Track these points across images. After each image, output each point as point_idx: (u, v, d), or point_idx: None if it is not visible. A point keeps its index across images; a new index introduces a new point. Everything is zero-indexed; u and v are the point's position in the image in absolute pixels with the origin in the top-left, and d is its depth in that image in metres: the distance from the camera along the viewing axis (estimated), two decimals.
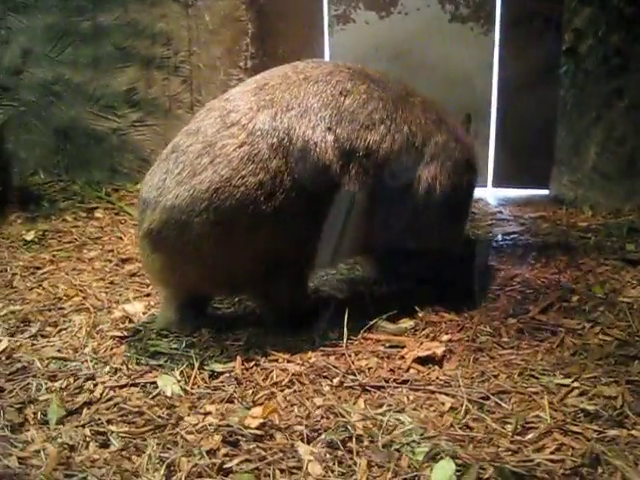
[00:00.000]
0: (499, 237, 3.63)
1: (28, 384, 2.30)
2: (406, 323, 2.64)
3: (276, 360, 2.39)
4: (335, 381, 2.26)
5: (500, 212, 4.07)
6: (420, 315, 2.71)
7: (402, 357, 2.40)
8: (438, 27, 4.29)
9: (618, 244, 3.44)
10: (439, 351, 2.39)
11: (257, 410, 2.07)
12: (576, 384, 2.22)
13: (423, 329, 2.61)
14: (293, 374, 2.29)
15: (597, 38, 3.83)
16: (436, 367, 2.35)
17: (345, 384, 2.24)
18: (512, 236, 3.64)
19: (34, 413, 2.14)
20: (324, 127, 2.46)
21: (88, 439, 2.00)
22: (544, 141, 4.20)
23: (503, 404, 2.12)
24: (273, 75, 2.61)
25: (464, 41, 4.28)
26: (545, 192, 4.30)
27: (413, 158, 2.68)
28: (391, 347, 2.48)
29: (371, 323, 2.61)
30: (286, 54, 4.39)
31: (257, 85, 2.55)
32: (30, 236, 3.71)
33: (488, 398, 2.16)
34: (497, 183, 4.52)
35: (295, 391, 2.21)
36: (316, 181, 2.41)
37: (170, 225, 2.36)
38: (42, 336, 2.65)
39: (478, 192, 4.31)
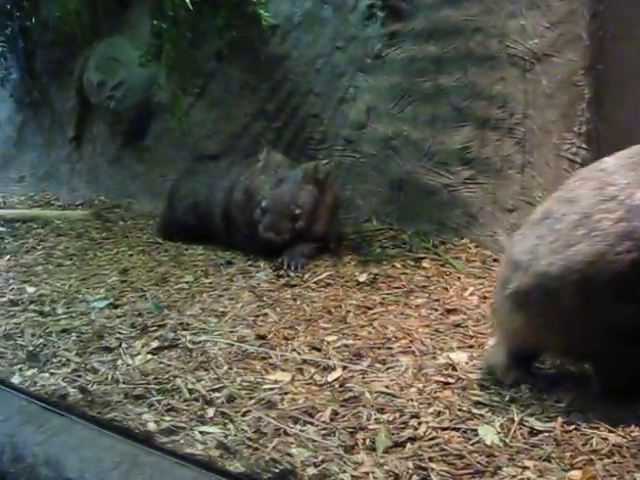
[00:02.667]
0: None
1: (359, 412, 2.52)
2: None
3: (597, 427, 2.37)
4: None
5: None
6: None
7: None
8: None
9: None
10: None
11: (576, 473, 2.09)
12: None
13: None
14: (614, 445, 2.26)
15: None
16: None
17: None
18: None
19: (363, 439, 2.35)
20: None
21: (410, 472, 2.15)
22: None
23: None
24: None
25: None
26: None
27: None
28: None
29: None
30: (625, 121, 4.33)
31: (636, 159, 2.53)
32: (362, 277, 4.01)
33: None
34: None
35: (614, 462, 2.18)
36: None
37: (539, 290, 2.46)
38: (372, 371, 2.88)
39: None
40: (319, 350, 3.11)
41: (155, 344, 3.24)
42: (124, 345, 3.25)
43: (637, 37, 4.30)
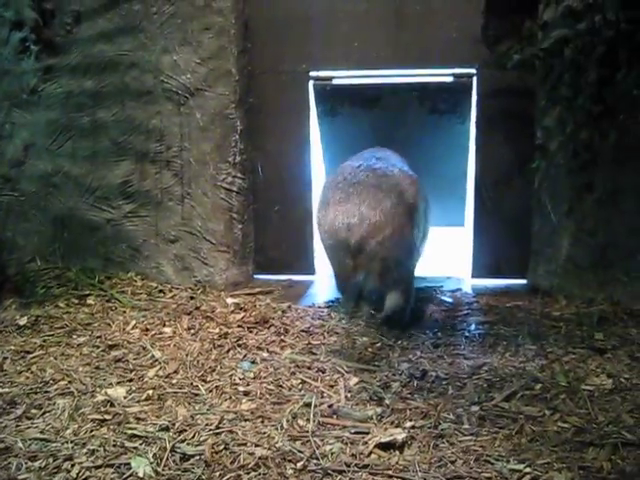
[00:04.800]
0: (472, 326, 3.77)
1: (9, 463, 2.43)
2: (372, 410, 2.76)
3: (244, 444, 2.51)
4: (299, 465, 2.37)
5: (477, 302, 4.21)
6: (387, 402, 2.83)
7: (365, 443, 2.51)
8: (417, 118, 4.57)
9: (588, 333, 3.57)
10: (400, 437, 2.51)
11: None
12: (529, 470, 2.31)
13: (389, 416, 2.72)
14: (260, 458, 2.41)
15: (566, 135, 4.03)
16: (397, 453, 2.45)
17: (308, 468, 2.35)
18: (485, 325, 3.77)
19: None
20: None
21: None
22: (522, 231, 4.38)
23: None
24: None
25: (441, 130, 4.57)
26: (523, 282, 4.45)
27: None
28: (356, 433, 2.59)
29: (339, 409, 2.75)
30: (274, 149, 4.65)
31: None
32: (23, 321, 3.87)
33: None
34: (476, 273, 4.65)
35: (260, 474, 2.32)
36: None
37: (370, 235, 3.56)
38: (27, 418, 2.78)
39: (456, 282, 4.52)
40: None
41: None
42: None
43: (280, 71, 4.62)
